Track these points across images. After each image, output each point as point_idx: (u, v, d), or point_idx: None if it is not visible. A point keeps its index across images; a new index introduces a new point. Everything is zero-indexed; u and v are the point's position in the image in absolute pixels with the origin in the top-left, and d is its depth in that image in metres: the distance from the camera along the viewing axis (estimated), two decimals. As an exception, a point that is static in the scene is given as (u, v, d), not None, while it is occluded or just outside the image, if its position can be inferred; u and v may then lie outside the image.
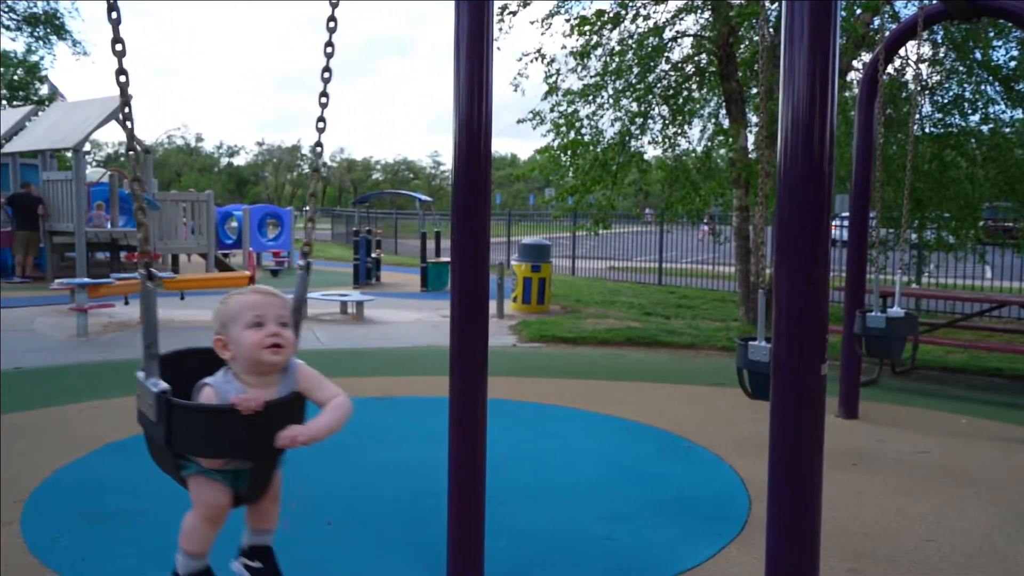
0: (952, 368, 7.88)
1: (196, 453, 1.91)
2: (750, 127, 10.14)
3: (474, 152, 2.91)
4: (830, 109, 2.21)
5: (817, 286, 2.19)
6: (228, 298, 2.01)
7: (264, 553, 2.25)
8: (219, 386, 1.94)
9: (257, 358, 1.93)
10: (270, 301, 1.98)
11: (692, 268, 16.68)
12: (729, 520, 3.89)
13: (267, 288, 2.05)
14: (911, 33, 5.95)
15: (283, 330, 1.96)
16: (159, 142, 66.04)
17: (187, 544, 2.06)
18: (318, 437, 1.93)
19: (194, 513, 2.02)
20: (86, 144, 15.33)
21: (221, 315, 1.99)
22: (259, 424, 1.83)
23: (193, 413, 1.86)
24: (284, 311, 1.99)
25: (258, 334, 1.92)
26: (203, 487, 1.98)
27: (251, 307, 1.94)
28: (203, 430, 1.85)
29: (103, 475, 4.38)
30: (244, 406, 1.81)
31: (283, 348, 1.95)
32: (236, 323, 1.94)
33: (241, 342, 1.93)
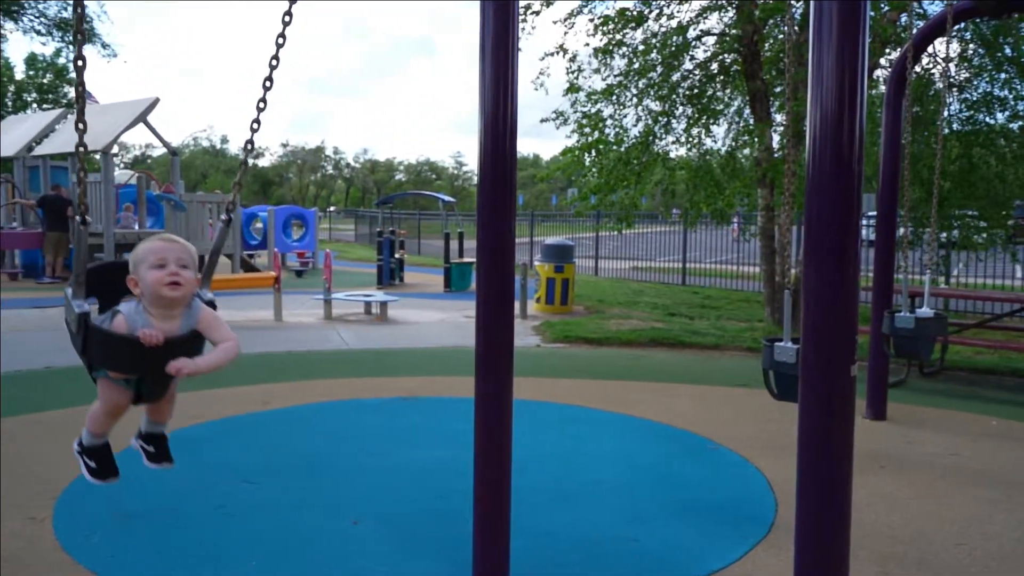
0: (982, 369, 7.77)
1: (104, 367, 2.27)
2: (775, 126, 10.06)
3: (499, 152, 2.91)
4: (859, 108, 2.18)
5: (847, 286, 2.17)
6: (140, 244, 2.31)
7: (158, 439, 2.70)
8: (129, 316, 2.22)
9: (158, 293, 2.20)
10: (172, 247, 2.26)
11: (716, 268, 16.58)
12: (755, 522, 3.86)
13: (171, 236, 2.35)
14: (940, 30, 5.87)
15: (182, 271, 2.23)
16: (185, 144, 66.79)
17: (92, 427, 2.49)
18: (200, 371, 2.20)
19: (99, 406, 2.42)
20: (114, 146, 15.53)
21: (132, 258, 2.28)
22: (157, 353, 2.14)
23: (104, 336, 2.19)
24: (184, 255, 2.26)
25: (160, 272, 2.20)
26: (108, 388, 2.34)
27: (154, 251, 2.23)
28: (111, 351, 2.21)
29: (133, 473, 4.40)
30: (146, 339, 2.12)
31: (181, 286, 2.22)
32: (143, 264, 2.23)
33: (145, 280, 2.21)
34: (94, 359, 2.23)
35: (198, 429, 5.32)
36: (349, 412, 5.92)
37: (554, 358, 8.37)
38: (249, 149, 2.55)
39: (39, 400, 5.99)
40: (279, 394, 6.35)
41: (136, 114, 14.97)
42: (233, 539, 3.60)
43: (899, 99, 5.92)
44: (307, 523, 3.78)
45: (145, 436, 2.70)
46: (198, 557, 3.40)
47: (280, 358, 8.02)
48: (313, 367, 7.60)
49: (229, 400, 6.10)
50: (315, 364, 7.77)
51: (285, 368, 7.51)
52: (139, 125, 15.24)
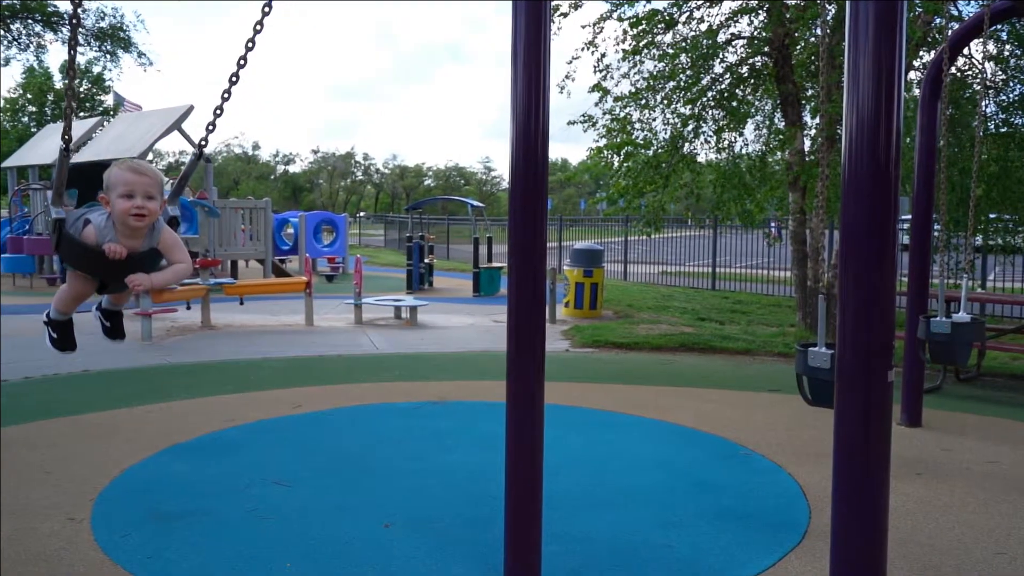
0: (1020, 375, 7.62)
1: (71, 266, 2.65)
2: (807, 129, 9.97)
3: (531, 156, 2.92)
4: (896, 110, 2.16)
5: (883, 291, 2.15)
6: (113, 168, 2.52)
7: (114, 315, 3.07)
8: (99, 227, 2.50)
9: (124, 221, 2.48)
10: (141, 179, 2.48)
11: (746, 273, 16.45)
12: (789, 529, 3.83)
13: (141, 166, 2.54)
14: (976, 31, 5.78)
15: (148, 203, 2.48)
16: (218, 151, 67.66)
17: (58, 305, 2.87)
18: (155, 287, 2.55)
19: (66, 289, 2.78)
20: (149, 154, 15.78)
21: (107, 179, 2.50)
22: (119, 264, 2.48)
23: (74, 243, 2.50)
24: (152, 187, 2.48)
25: (127, 203, 2.45)
26: (75, 278, 2.71)
27: (124, 182, 2.46)
28: (79, 256, 2.55)
29: (169, 475, 4.50)
30: (111, 253, 2.44)
31: (144, 217, 2.49)
32: (113, 191, 2.47)
33: (115, 207, 2.48)
34: (64, 259, 2.61)
35: (231, 432, 5.38)
36: (380, 416, 5.96)
37: (583, 363, 8.35)
38: (209, 130, 2.74)
39: (77, 403, 6.10)
40: (311, 398, 6.40)
41: (171, 122, 15.20)
42: (266, 541, 3.63)
43: (935, 101, 5.84)
44: (339, 526, 3.80)
45: (104, 312, 3.07)
46: (232, 559, 3.44)
47: (311, 362, 8.09)
48: (344, 371, 7.66)
49: (261, 403, 6.17)
50: (346, 368, 7.83)
51: (316, 372, 7.57)
52: (173, 132, 15.48)
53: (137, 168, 2.52)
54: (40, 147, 18.46)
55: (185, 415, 5.80)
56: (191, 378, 7.16)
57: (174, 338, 9.47)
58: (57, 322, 2.92)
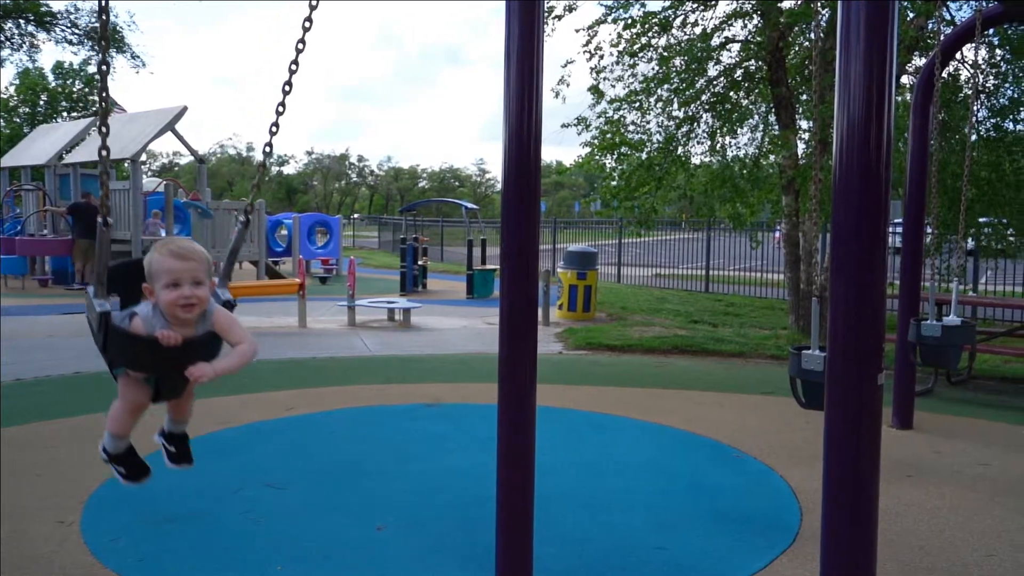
0: (1011, 378, 7.65)
1: (122, 366, 2.32)
2: (800, 133, 10.00)
3: (524, 157, 2.92)
4: (887, 114, 2.17)
5: (874, 294, 2.15)
6: (154, 255, 2.27)
7: (179, 439, 2.75)
8: (146, 318, 2.25)
9: (173, 313, 2.24)
10: (185, 266, 2.24)
11: (739, 275, 16.49)
12: (780, 531, 3.83)
13: (185, 249, 2.29)
14: (968, 35, 5.81)
15: (196, 289, 2.23)
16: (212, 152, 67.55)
17: (113, 428, 2.48)
18: (218, 375, 2.22)
19: (119, 404, 2.43)
20: (143, 155, 15.75)
21: (147, 269, 2.27)
22: (175, 354, 2.18)
23: (123, 336, 2.22)
24: (198, 271, 2.25)
25: (174, 293, 2.21)
26: (128, 386, 2.37)
27: (168, 271, 2.22)
28: (130, 351, 2.25)
29: (160, 478, 4.44)
30: (164, 340, 2.15)
31: (195, 307, 2.24)
32: (157, 281, 2.24)
33: (161, 298, 2.24)
34: (114, 357, 2.28)
35: (224, 434, 5.37)
36: (373, 418, 5.95)
37: (577, 365, 8.35)
38: (267, 152, 2.61)
39: (68, 405, 6.07)
40: (303, 400, 6.39)
41: (164, 123, 15.18)
42: (259, 544, 3.63)
43: (927, 105, 5.87)
44: (332, 528, 3.80)
45: (167, 435, 2.75)
46: (224, 561, 3.43)
47: (304, 364, 8.07)
48: (337, 373, 7.65)
49: (254, 406, 6.15)
50: (339, 370, 7.82)
51: (309, 374, 7.56)
52: (167, 133, 15.45)
53: (180, 252, 2.26)
54: (32, 148, 18.40)
55: (177, 417, 5.78)
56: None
57: (167, 340, 9.42)
58: (119, 454, 2.53)
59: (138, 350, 2.23)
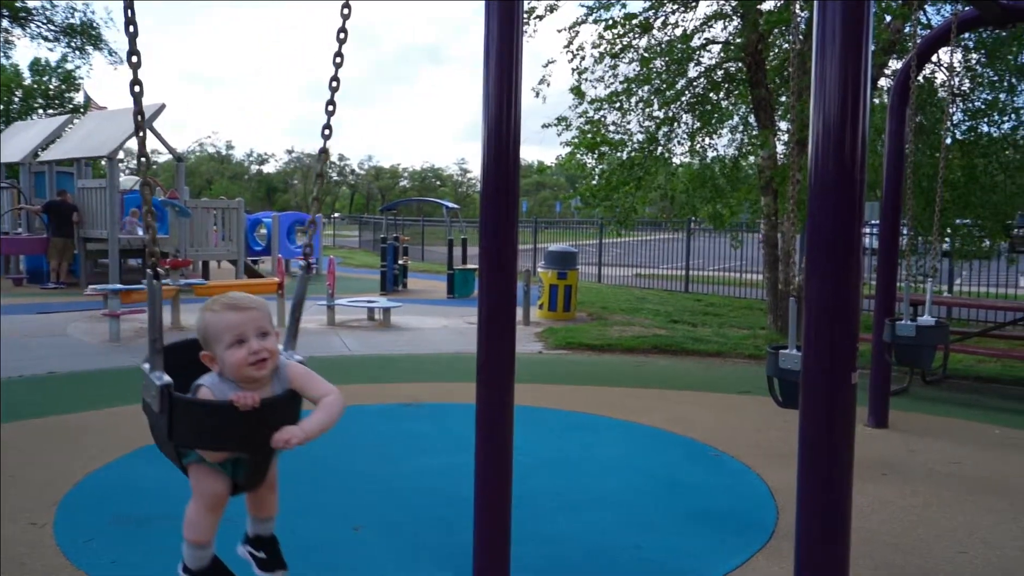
0: (985, 378, 7.75)
1: (196, 446, 1.98)
2: (779, 134, 10.08)
3: (503, 157, 2.92)
4: (862, 116, 2.19)
5: (848, 294, 2.17)
6: (206, 315, 2.01)
7: (268, 543, 2.36)
8: (214, 387, 1.98)
9: (244, 375, 1.97)
10: (248, 316, 1.98)
11: (719, 276, 16.58)
12: (757, 529, 3.86)
13: (241, 300, 2.03)
14: (944, 39, 5.87)
15: (264, 342, 1.98)
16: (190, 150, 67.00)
17: (191, 534, 2.10)
18: (311, 436, 1.95)
19: (195, 502, 2.07)
20: (120, 152, 15.59)
21: (203, 333, 2.01)
22: (255, 420, 1.89)
23: (193, 408, 1.93)
24: (262, 322, 2.00)
25: (240, 352, 1.95)
26: (203, 476, 2.03)
27: (229, 328, 1.96)
28: (203, 425, 1.92)
29: (134, 479, 4.44)
30: (242, 403, 1.85)
31: (266, 361, 1.98)
32: (218, 343, 1.97)
33: (226, 361, 1.97)
34: (184, 438, 1.94)
35: (200, 434, 5.32)
36: (351, 418, 5.88)
37: (557, 365, 8.36)
38: (323, 159, 2.39)
39: (41, 406, 6.00)
40: (281, 400, 6.34)
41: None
42: (233, 545, 3.59)
43: (903, 108, 5.92)
44: (308, 530, 3.77)
45: (253, 540, 2.37)
46: (199, 562, 3.40)
47: (283, 364, 8.01)
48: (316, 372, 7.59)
49: (231, 405, 6.10)
50: (317, 370, 7.72)
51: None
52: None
53: (237, 304, 2.00)
54: (7, 145, 18.15)
55: (153, 417, 5.73)
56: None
57: (143, 339, 9.32)
58: (203, 570, 2.17)
59: (212, 421, 1.91)
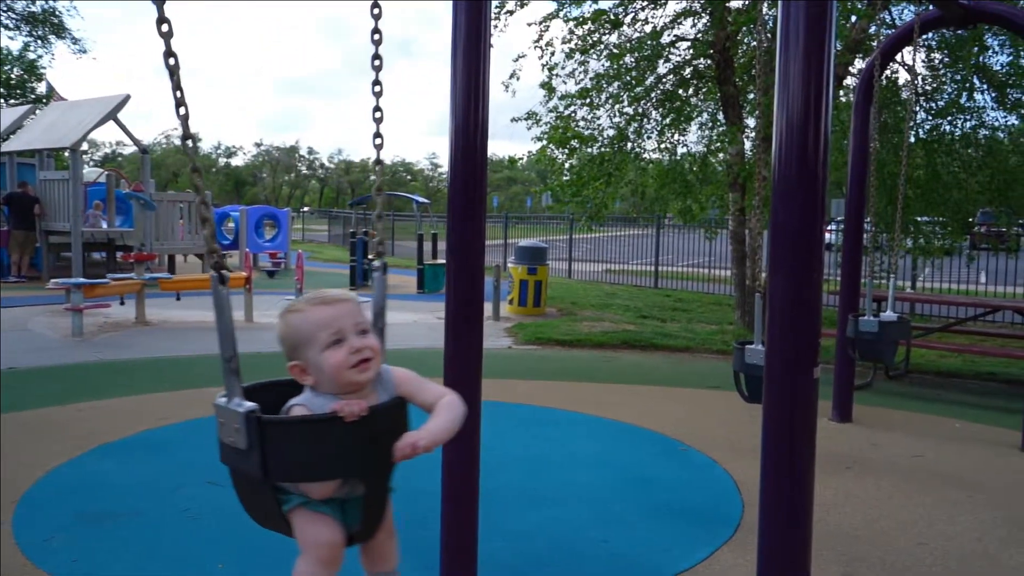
0: (946, 372, 7.90)
1: (299, 478, 1.63)
2: (747, 131, 10.16)
3: (470, 152, 2.91)
4: (825, 114, 2.22)
5: (810, 290, 2.20)
6: (291, 316, 1.73)
7: None
8: (310, 403, 1.69)
9: (346, 380, 1.67)
10: (343, 310, 1.70)
11: (688, 271, 16.70)
12: (722, 523, 3.90)
13: (331, 294, 1.75)
14: (907, 39, 5.96)
15: (366, 340, 1.70)
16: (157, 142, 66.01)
17: None
18: (437, 440, 1.69)
19: (305, 560, 1.70)
20: (83, 144, 15.32)
21: (290, 339, 1.72)
22: (366, 434, 1.60)
23: (290, 429, 1.60)
24: (360, 316, 1.72)
25: (340, 353, 1.66)
26: (310, 523, 1.69)
27: (324, 324, 1.67)
28: (304, 449, 1.57)
29: (97, 476, 4.37)
30: (348, 412, 1.56)
31: (371, 362, 1.69)
32: (311, 346, 1.68)
33: (322, 366, 1.67)
34: (282, 472, 1.58)
35: (163, 431, 5.25)
36: (319, 414, 5.87)
37: (526, 360, 8.37)
38: (378, 168, 2.14)
39: (2, 402, 5.88)
40: (248, 395, 6.28)
41: (106, 111, 14.76)
42: (199, 542, 3.56)
43: (867, 106, 6.01)
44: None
45: None
46: (162, 561, 3.36)
47: (250, 359, 7.87)
48: (283, 369, 7.52)
49: (195, 402, 6.03)
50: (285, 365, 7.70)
51: (254, 369, 7.36)
52: (109, 122, 15.04)
53: (326, 298, 1.72)
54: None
55: (116, 414, 5.65)
56: (124, 375, 6.97)
57: (107, 334, 9.20)
58: None
59: (315, 443, 1.57)
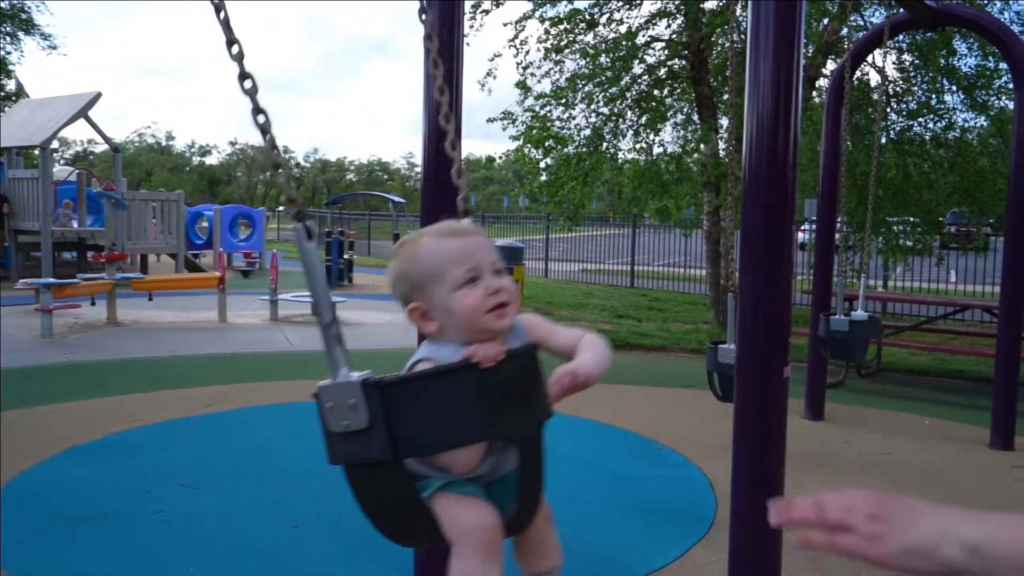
0: (916, 370, 8.01)
1: (436, 447, 1.31)
2: (721, 132, 10.24)
3: (443, 152, 2.90)
4: (794, 114, 2.24)
5: (780, 289, 2.23)
6: (416, 249, 1.43)
7: None
8: (436, 355, 1.40)
9: (481, 326, 1.38)
10: (479, 244, 1.42)
11: (664, 271, 16.79)
12: (696, 521, 3.93)
13: (460, 226, 1.47)
14: (878, 41, 6.04)
15: (503, 281, 1.42)
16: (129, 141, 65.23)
17: None
18: (595, 372, 1.44)
19: (461, 555, 1.36)
20: (54, 142, 15.10)
21: (412, 274, 1.42)
22: (505, 382, 1.32)
23: (419, 387, 1.30)
24: (495, 254, 1.45)
25: (475, 294, 1.37)
26: (458, 508, 1.37)
27: (459, 258, 1.39)
28: (438, 410, 1.28)
29: (69, 478, 4.32)
30: (483, 355, 1.27)
31: (509, 307, 1.41)
32: (440, 283, 1.39)
33: (453, 308, 1.38)
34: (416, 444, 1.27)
35: (137, 433, 5.20)
36: (294, 415, 5.84)
37: (502, 360, 8.37)
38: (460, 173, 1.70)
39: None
40: (222, 397, 6.24)
41: (77, 109, 14.56)
42: (171, 545, 3.53)
43: (838, 107, 6.08)
44: (248, 528, 3.72)
45: None
46: (134, 564, 3.33)
47: (224, 360, 7.88)
48: (258, 369, 7.49)
49: (169, 403, 5.98)
50: (260, 366, 7.66)
51: (229, 370, 7.38)
52: (80, 120, 14.84)
53: (459, 229, 1.45)
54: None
55: (88, 416, 5.58)
56: (95, 377, 6.89)
57: (77, 335, 9.08)
58: None
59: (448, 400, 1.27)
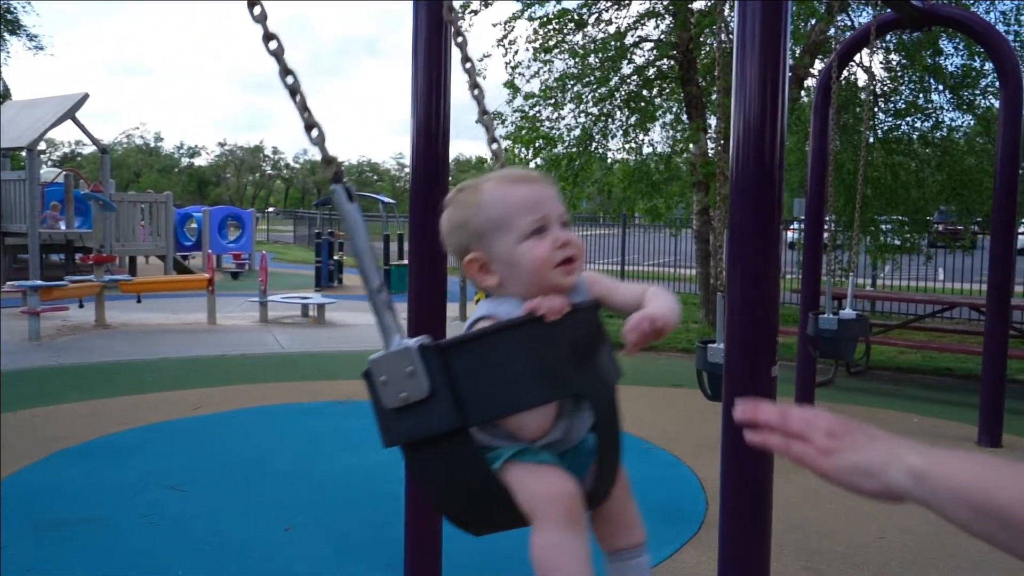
0: (905, 368, 8.05)
1: (505, 409, 1.18)
2: (709, 131, 10.27)
3: (431, 152, 2.90)
4: (781, 115, 2.25)
5: (767, 288, 2.23)
6: (476, 193, 1.32)
7: None
8: (495, 312, 1.29)
9: (547, 281, 1.27)
10: (547, 193, 1.32)
11: (654, 271, 16.82)
12: (686, 520, 3.93)
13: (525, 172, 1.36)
14: (865, 41, 6.06)
15: (570, 234, 1.31)
16: (117, 142, 64.89)
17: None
18: (669, 318, 1.31)
19: (542, 527, 1.22)
20: (41, 143, 15.01)
21: (473, 222, 1.30)
22: (572, 337, 1.23)
23: (481, 346, 1.18)
24: (563, 205, 1.34)
25: (543, 246, 1.27)
26: (532, 476, 1.23)
27: (527, 206, 1.28)
28: (503, 370, 1.16)
29: (56, 482, 4.29)
30: (548, 308, 1.18)
31: (577, 262, 1.31)
32: (504, 232, 1.28)
33: (518, 260, 1.27)
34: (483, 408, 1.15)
35: (125, 436, 5.17)
36: (283, 416, 5.83)
37: (493, 360, 8.37)
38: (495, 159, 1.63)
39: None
40: (211, 399, 6.21)
41: (64, 110, 14.46)
42: (159, 549, 3.51)
43: (826, 107, 6.10)
44: (237, 531, 3.70)
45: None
46: (122, 568, 3.31)
47: (213, 362, 7.85)
48: (247, 371, 7.46)
49: (158, 405, 5.95)
50: (249, 368, 7.63)
51: (218, 372, 7.35)
52: (67, 122, 14.75)
53: (527, 176, 1.34)
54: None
55: (75, 419, 5.54)
56: (83, 380, 6.85)
57: (65, 337, 9.03)
58: None
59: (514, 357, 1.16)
